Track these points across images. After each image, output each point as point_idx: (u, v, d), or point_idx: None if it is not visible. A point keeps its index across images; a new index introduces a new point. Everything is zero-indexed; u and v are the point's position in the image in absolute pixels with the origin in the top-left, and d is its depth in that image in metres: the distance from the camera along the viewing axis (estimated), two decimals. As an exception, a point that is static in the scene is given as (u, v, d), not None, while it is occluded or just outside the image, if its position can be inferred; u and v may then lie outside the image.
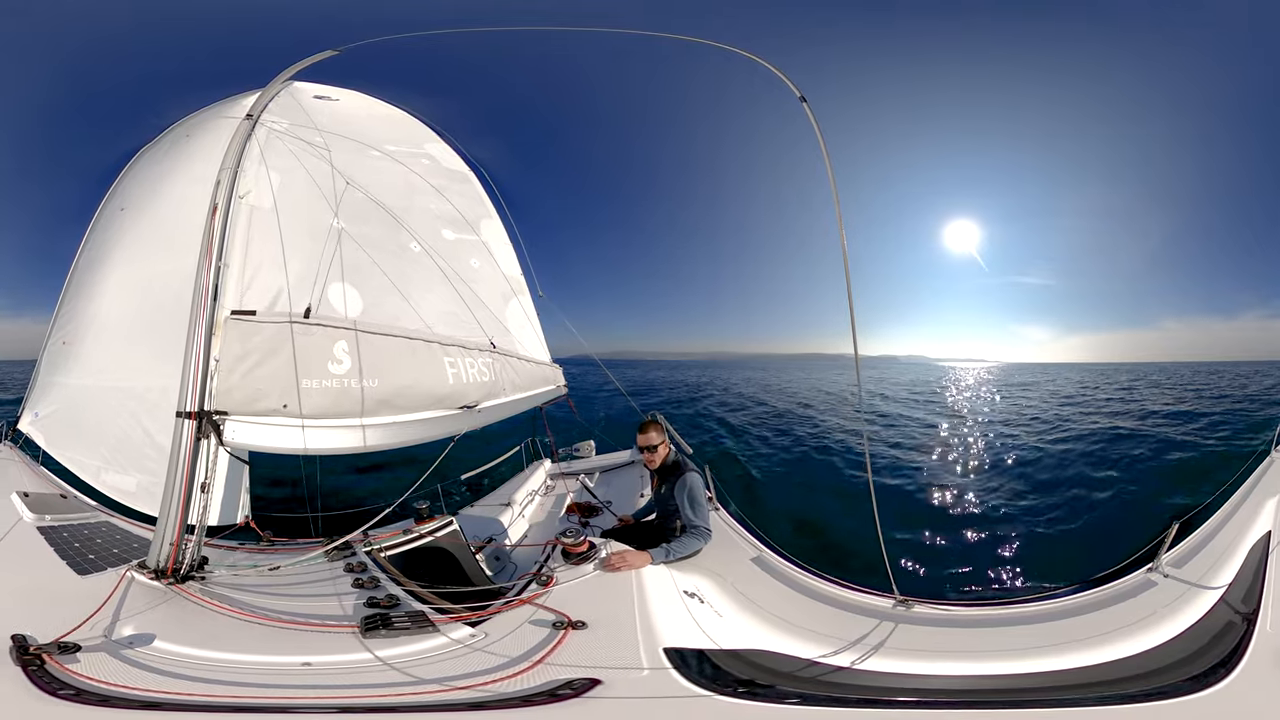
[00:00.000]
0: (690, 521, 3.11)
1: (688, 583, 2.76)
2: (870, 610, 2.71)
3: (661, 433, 3.40)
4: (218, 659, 2.15)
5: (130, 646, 2.15)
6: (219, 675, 2.04)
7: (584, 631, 2.26)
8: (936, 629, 2.57)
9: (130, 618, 2.36)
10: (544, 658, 2.10)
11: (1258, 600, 2.37)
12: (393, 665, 2.13)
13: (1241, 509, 3.28)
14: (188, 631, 2.31)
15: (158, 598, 2.57)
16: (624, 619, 2.38)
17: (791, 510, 7.89)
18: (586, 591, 2.59)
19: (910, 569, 5.87)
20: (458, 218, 4.94)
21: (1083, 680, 2.13)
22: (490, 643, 2.26)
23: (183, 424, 2.84)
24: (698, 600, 2.66)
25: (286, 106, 4.31)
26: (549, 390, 5.18)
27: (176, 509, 2.76)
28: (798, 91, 3.17)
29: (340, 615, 2.54)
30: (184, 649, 2.18)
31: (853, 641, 2.42)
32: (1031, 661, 2.25)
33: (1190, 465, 9.55)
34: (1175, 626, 2.34)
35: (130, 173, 4.96)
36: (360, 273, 3.82)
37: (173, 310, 3.39)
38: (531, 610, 2.45)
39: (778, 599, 2.85)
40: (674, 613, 2.50)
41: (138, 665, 2.04)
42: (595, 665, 2.06)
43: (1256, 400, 19.67)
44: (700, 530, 3.08)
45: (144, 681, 1.94)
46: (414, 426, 3.66)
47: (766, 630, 2.58)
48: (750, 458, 11.19)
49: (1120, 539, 5.95)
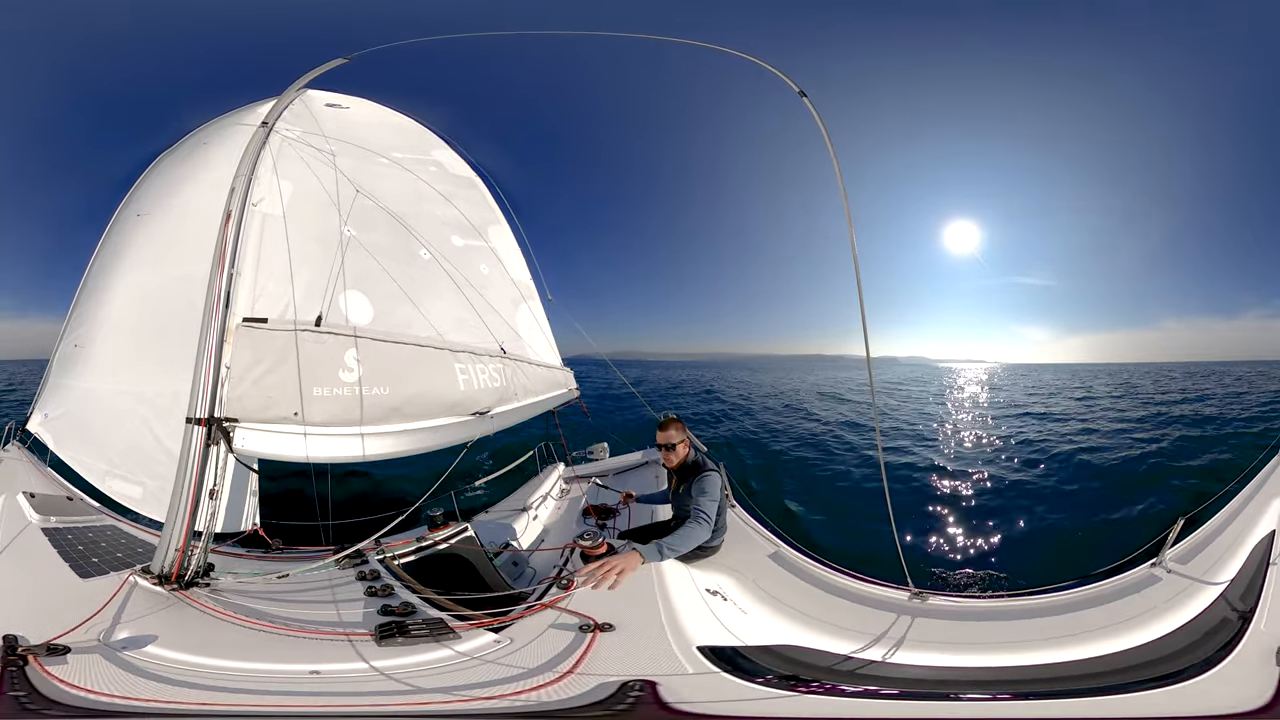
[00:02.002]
0: (695, 509, 2.95)
1: (709, 580, 2.76)
2: (887, 604, 2.75)
3: (681, 431, 3.32)
4: (219, 666, 2.10)
5: (125, 651, 2.11)
6: (218, 682, 2.00)
7: (612, 634, 2.24)
8: (951, 622, 2.62)
9: (129, 622, 2.33)
10: (579, 662, 2.07)
11: (1256, 599, 2.41)
12: (413, 673, 2.09)
13: (1248, 507, 3.27)
14: (188, 638, 2.27)
15: (160, 603, 2.54)
16: (650, 619, 2.36)
17: (797, 503, 7.96)
18: (608, 593, 2.56)
19: (919, 561, 5.90)
20: (466, 224, 4.95)
21: (1087, 671, 2.21)
22: (517, 648, 2.23)
23: (193, 430, 2.84)
24: (720, 598, 2.66)
25: (299, 114, 4.35)
26: (561, 394, 5.16)
27: (184, 514, 2.74)
28: (796, 87, 3.16)
29: (352, 623, 2.49)
30: (182, 655, 2.14)
31: (877, 636, 2.46)
32: (1041, 654, 2.32)
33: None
34: (1175, 621, 2.40)
35: (148, 178, 5.00)
36: (370, 280, 3.83)
37: (185, 316, 3.39)
38: (555, 614, 2.41)
39: (797, 594, 2.87)
40: (699, 611, 2.50)
41: (130, 670, 2.00)
42: (636, 668, 2.05)
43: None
44: (700, 517, 2.92)
45: (134, 688, 1.91)
46: (426, 434, 3.64)
47: (791, 626, 2.59)
48: (754, 455, 11.25)
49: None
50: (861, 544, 5.60)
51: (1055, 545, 6.44)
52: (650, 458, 5.36)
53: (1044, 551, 6.27)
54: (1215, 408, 17.48)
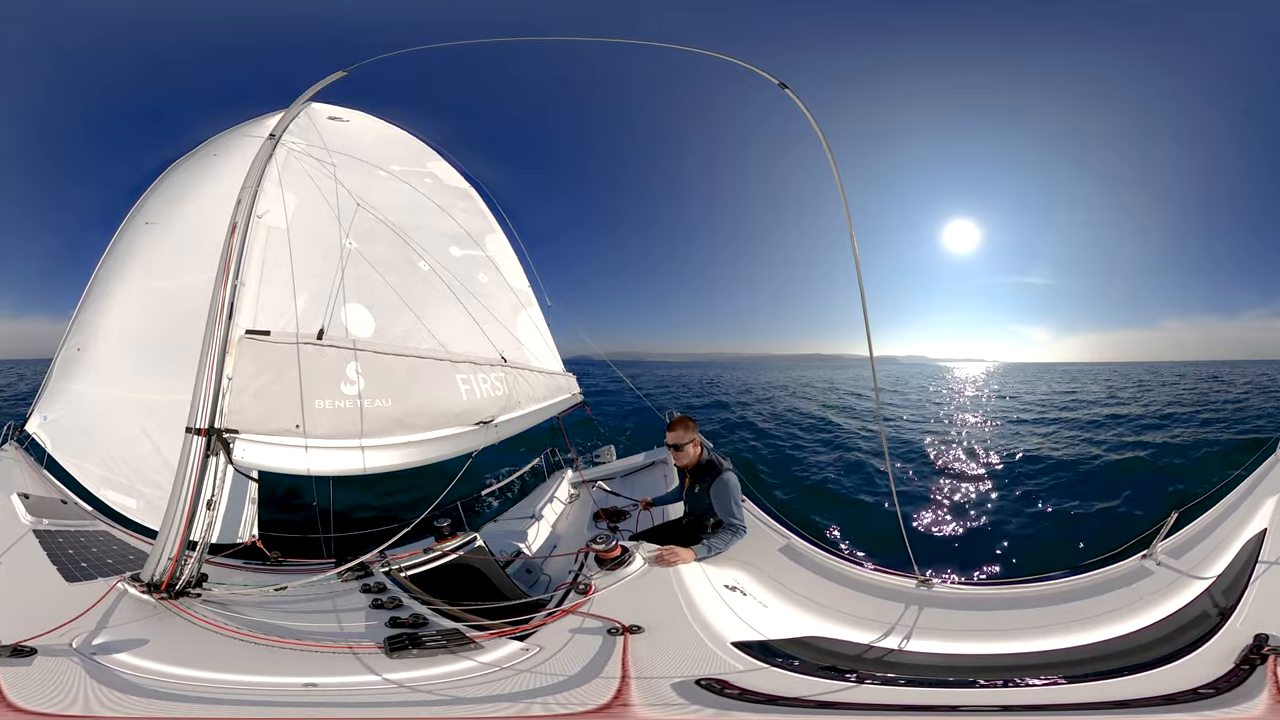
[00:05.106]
0: (730, 519, 3.07)
1: (726, 577, 2.77)
2: (896, 593, 2.83)
3: (691, 430, 3.27)
4: (205, 678, 2.02)
5: (99, 657, 2.03)
6: (203, 694, 1.92)
7: (642, 635, 2.22)
8: (956, 611, 2.71)
9: (109, 629, 2.25)
10: (627, 669, 2.02)
11: (1238, 596, 2.44)
12: (438, 685, 2.04)
13: (1241, 505, 3.30)
14: (174, 648, 2.18)
15: (146, 611, 2.46)
16: (676, 618, 2.36)
17: (804, 496, 8.03)
18: (628, 596, 2.55)
19: (924, 550, 5.98)
20: (463, 234, 4.98)
21: (1073, 659, 2.30)
22: (549, 655, 2.17)
23: (192, 440, 2.82)
24: (739, 593, 2.68)
25: (304, 127, 4.40)
26: (565, 399, 5.15)
27: (179, 524, 2.69)
28: (775, 80, 3.14)
29: (356, 635, 2.40)
30: (164, 666, 2.05)
31: (891, 624, 2.55)
32: (1034, 641, 2.42)
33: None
34: (1159, 612, 2.47)
35: (159, 187, 5.04)
36: (371, 292, 3.84)
37: (188, 326, 3.39)
38: (577, 619, 2.37)
39: (811, 586, 2.91)
40: (721, 607, 2.51)
41: (102, 678, 1.92)
42: (683, 668, 2.04)
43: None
44: (738, 528, 3.07)
45: (102, 696, 1.84)
46: (430, 445, 3.63)
47: (810, 617, 2.64)
48: (758, 451, 11.33)
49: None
50: (864, 530, 5.71)
51: (1049, 536, 6.55)
52: (656, 458, 5.35)
53: (1039, 540, 6.37)
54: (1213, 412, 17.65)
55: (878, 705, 2.01)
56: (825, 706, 1.94)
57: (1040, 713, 1.97)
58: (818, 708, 1.93)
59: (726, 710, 1.88)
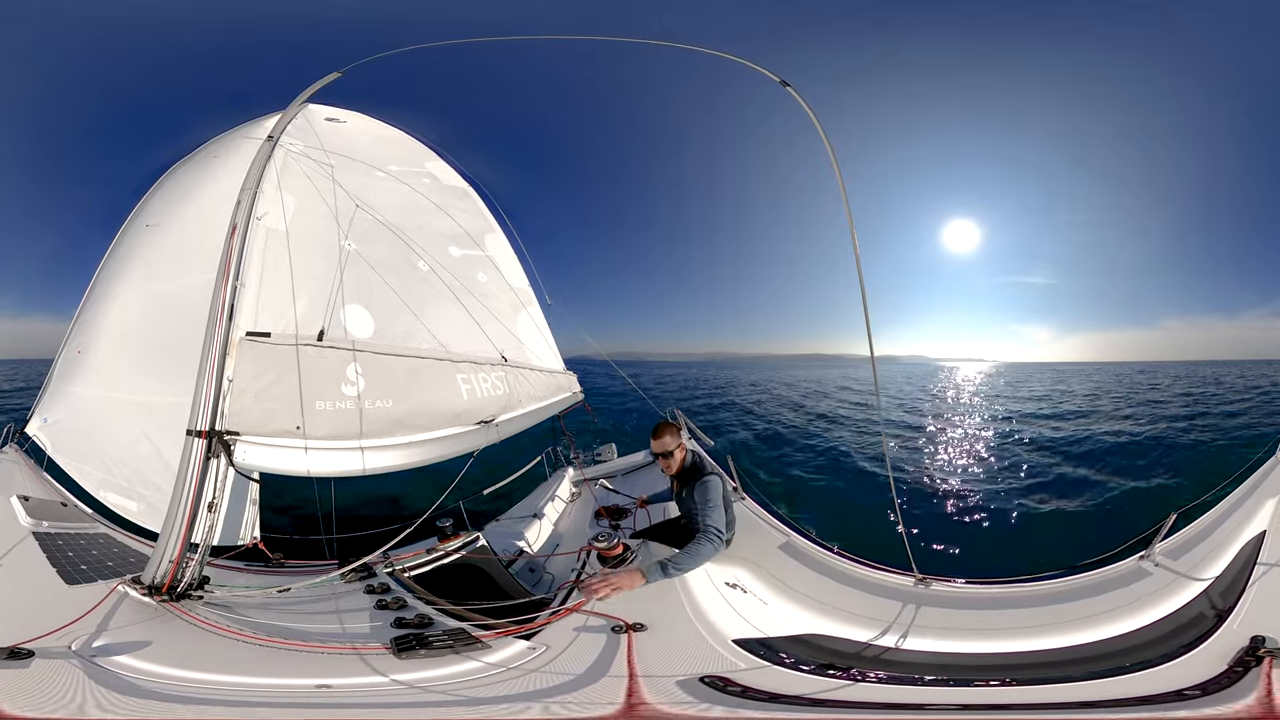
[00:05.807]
0: (705, 524, 2.90)
1: (727, 574, 2.80)
2: (895, 591, 2.84)
3: (676, 435, 3.20)
4: (208, 680, 2.02)
5: (99, 659, 2.03)
6: (207, 696, 1.91)
7: (645, 633, 2.24)
8: (954, 609, 2.72)
9: (109, 631, 2.26)
10: (634, 667, 2.05)
11: (1236, 598, 2.45)
12: (448, 685, 2.04)
13: (1241, 507, 3.29)
14: (175, 650, 2.19)
15: (148, 614, 2.47)
16: (678, 616, 2.38)
17: (803, 495, 8.08)
18: (632, 593, 2.57)
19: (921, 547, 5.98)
20: (462, 234, 4.98)
21: (1070, 658, 2.31)
22: (556, 655, 2.19)
23: (193, 442, 2.82)
24: (740, 590, 2.70)
25: (302, 129, 4.39)
26: (565, 398, 5.15)
27: (180, 526, 2.69)
28: (777, 78, 3.13)
29: (361, 636, 2.41)
30: (165, 668, 2.05)
31: (889, 623, 2.56)
32: (1031, 640, 2.43)
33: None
34: (1156, 613, 2.47)
35: (160, 189, 5.03)
36: (371, 293, 3.84)
37: (188, 328, 3.37)
38: (580, 618, 2.39)
39: (811, 583, 2.92)
40: (722, 605, 2.54)
41: (102, 680, 1.92)
42: (685, 666, 2.06)
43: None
44: (710, 533, 2.86)
45: (96, 695, 1.83)
46: (431, 445, 3.63)
47: (810, 615, 2.66)
48: (759, 450, 11.39)
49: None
50: (866, 528, 5.69)
51: (1048, 535, 6.57)
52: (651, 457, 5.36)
53: (1039, 540, 6.41)
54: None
55: (877, 704, 2.02)
56: (825, 704, 1.96)
57: (1036, 711, 1.99)
58: (819, 705, 1.95)
59: (735, 709, 1.89)
